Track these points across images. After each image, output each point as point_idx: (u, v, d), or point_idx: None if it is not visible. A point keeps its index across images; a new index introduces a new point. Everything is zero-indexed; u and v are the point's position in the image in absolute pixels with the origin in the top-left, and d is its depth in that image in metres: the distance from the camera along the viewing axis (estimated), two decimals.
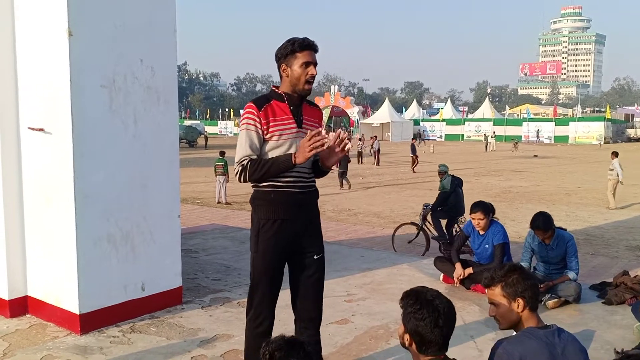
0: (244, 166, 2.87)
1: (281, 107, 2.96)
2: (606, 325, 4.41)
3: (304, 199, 3.03)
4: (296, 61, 2.91)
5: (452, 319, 2.15)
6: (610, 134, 53.07)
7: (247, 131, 2.90)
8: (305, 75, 2.93)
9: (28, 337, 4.02)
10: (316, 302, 3.11)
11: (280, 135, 2.91)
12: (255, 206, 3.01)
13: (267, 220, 2.95)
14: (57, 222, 4.13)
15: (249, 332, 3.07)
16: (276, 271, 3.01)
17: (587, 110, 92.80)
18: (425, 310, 2.09)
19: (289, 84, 2.98)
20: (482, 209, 5.41)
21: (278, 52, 2.97)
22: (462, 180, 8.86)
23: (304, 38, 2.95)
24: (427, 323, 2.08)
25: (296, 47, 2.90)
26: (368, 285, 5.52)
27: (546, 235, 5.06)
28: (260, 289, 3.00)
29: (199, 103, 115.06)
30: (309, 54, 2.93)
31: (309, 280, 3.07)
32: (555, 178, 20.49)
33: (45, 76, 4.12)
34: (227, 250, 7.00)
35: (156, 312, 4.52)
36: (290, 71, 2.94)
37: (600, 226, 10.41)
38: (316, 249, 3.08)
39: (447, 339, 2.14)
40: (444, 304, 2.13)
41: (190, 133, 45.66)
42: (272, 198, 2.94)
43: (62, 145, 4.00)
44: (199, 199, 14.30)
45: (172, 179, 4.67)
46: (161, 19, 4.51)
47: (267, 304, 3.02)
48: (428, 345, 2.11)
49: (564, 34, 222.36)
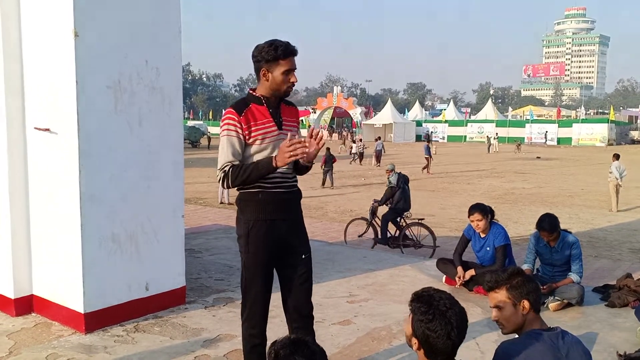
0: (225, 172, 2.88)
1: (260, 111, 2.95)
2: (609, 328, 4.41)
3: (290, 199, 3.06)
4: (278, 68, 2.90)
5: (464, 329, 2.09)
6: (613, 136, 52.95)
7: (228, 137, 2.90)
8: (287, 83, 2.93)
9: (33, 335, 4.05)
10: (308, 300, 3.14)
11: (262, 139, 2.91)
12: (243, 207, 3.00)
13: (257, 220, 2.95)
14: (63, 222, 4.15)
15: (245, 332, 3.08)
16: (268, 271, 3.03)
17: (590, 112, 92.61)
18: (438, 323, 2.03)
19: (268, 88, 2.96)
20: (479, 210, 5.42)
21: (258, 55, 2.92)
22: (409, 178, 9.83)
23: (286, 44, 2.91)
24: (439, 335, 2.03)
25: (279, 54, 2.87)
26: (370, 286, 5.53)
27: (551, 237, 5.05)
28: (254, 289, 3.01)
29: (202, 103, 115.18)
30: (291, 61, 2.92)
31: (299, 279, 3.09)
32: (558, 180, 20.46)
33: (51, 77, 4.15)
34: (230, 251, 7.02)
35: (160, 311, 4.54)
36: (271, 77, 2.92)
37: (603, 228, 10.40)
38: (304, 248, 3.11)
39: (457, 347, 2.11)
40: (457, 315, 2.06)
41: (193, 133, 45.74)
42: (260, 198, 2.95)
43: (68, 145, 4.03)
44: (201, 199, 14.32)
45: (176, 179, 4.69)
46: (166, 20, 4.53)
47: (261, 303, 3.04)
48: (437, 353, 2.08)
49: (568, 35, 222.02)
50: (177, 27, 4.61)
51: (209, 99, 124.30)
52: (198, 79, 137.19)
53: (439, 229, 9.97)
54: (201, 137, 46.89)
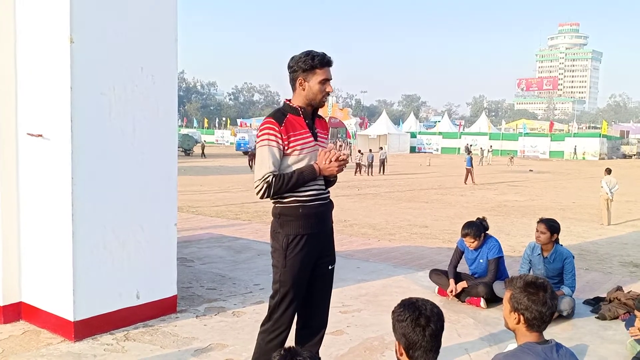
0: (269, 183, 2.87)
1: (298, 121, 2.98)
2: (599, 340, 4.43)
3: (326, 211, 3.09)
4: (315, 77, 2.93)
5: (436, 319, 2.20)
6: (605, 150, 53.36)
7: (269, 147, 2.89)
8: (323, 92, 2.96)
9: (21, 343, 4.00)
10: (326, 311, 3.20)
11: (301, 149, 2.94)
12: (283, 222, 2.99)
13: (296, 235, 2.96)
14: (54, 229, 4.13)
15: (262, 342, 3.06)
16: (302, 285, 3.04)
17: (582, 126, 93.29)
18: (406, 311, 2.21)
19: (304, 98, 2.99)
20: (472, 235, 5.41)
21: (295, 65, 2.96)
22: None
23: (323, 54, 2.96)
24: (408, 322, 2.17)
25: (316, 64, 2.92)
26: (363, 296, 5.52)
27: (546, 237, 5.13)
28: (285, 303, 3.01)
29: (196, 112, 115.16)
30: (328, 71, 2.96)
31: (321, 291, 3.13)
32: (550, 193, 20.56)
33: (45, 82, 4.14)
34: (223, 260, 6.99)
35: (150, 320, 4.51)
36: (307, 86, 2.95)
37: (594, 242, 10.44)
38: (332, 258, 3.16)
39: (434, 341, 2.18)
40: (427, 305, 2.23)
41: (186, 141, 45.71)
42: (300, 213, 2.95)
43: (61, 151, 4.01)
44: (194, 207, 14.27)
45: (169, 187, 4.68)
46: (162, 28, 4.54)
47: (289, 318, 3.04)
48: (414, 348, 2.16)
49: (561, 50, 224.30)
50: (174, 35, 4.63)
51: (202, 107, 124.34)
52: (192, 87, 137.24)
53: (431, 240, 9.98)
54: (194, 145, 46.85)
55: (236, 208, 14.15)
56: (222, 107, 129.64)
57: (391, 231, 11.08)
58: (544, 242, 5.17)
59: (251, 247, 7.85)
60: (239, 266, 6.66)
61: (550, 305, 2.35)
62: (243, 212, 13.12)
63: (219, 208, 14.02)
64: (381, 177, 26.96)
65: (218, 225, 10.70)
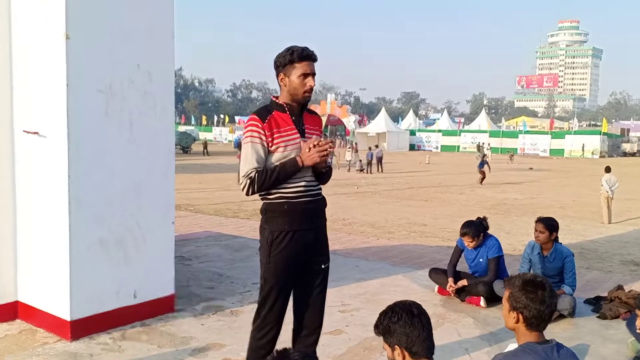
0: (251, 178, 2.86)
1: (283, 118, 2.95)
2: (600, 340, 4.40)
3: (315, 207, 3.04)
4: (294, 71, 2.90)
5: (418, 306, 2.32)
6: (606, 148, 53.32)
7: (252, 144, 2.89)
8: (304, 87, 2.92)
9: (17, 342, 3.97)
10: (321, 310, 3.15)
11: (285, 146, 2.91)
12: (269, 218, 2.99)
13: (281, 232, 2.94)
14: (50, 226, 4.09)
15: (253, 341, 3.06)
16: (288, 282, 3.01)
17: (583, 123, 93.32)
18: (394, 312, 2.33)
19: (287, 93, 2.97)
20: (471, 234, 5.37)
21: (277, 61, 2.95)
22: None
23: (303, 48, 2.93)
24: (405, 319, 2.26)
25: (295, 57, 2.89)
26: (362, 295, 5.49)
27: (545, 236, 5.10)
28: (271, 300, 2.99)
29: (193, 109, 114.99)
30: (308, 65, 2.92)
31: (316, 289, 3.09)
32: (550, 191, 20.52)
33: (41, 79, 4.10)
34: (221, 258, 6.96)
35: (148, 319, 4.47)
36: (288, 81, 2.93)
37: (594, 240, 10.41)
38: (324, 257, 3.11)
39: (429, 328, 2.25)
40: (405, 301, 2.37)
41: (184, 139, 45.58)
42: (285, 209, 2.93)
43: (57, 148, 3.97)
44: (192, 205, 14.24)
45: (167, 185, 4.64)
46: (159, 24, 4.50)
47: (276, 314, 3.02)
48: (417, 342, 2.22)
49: (561, 47, 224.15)
50: (171, 31, 4.58)
51: (200, 104, 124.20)
52: (190, 84, 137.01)
53: (431, 239, 9.95)
54: (192, 142, 46.73)
55: (234, 206, 14.11)
56: (220, 104, 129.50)
57: (390, 229, 11.05)
58: (543, 241, 5.15)
59: (249, 246, 7.81)
60: (237, 265, 6.62)
61: (549, 304, 2.33)
62: (241, 210, 13.08)
63: (217, 206, 13.98)
64: (380, 175, 26.93)
65: (216, 223, 10.66)
